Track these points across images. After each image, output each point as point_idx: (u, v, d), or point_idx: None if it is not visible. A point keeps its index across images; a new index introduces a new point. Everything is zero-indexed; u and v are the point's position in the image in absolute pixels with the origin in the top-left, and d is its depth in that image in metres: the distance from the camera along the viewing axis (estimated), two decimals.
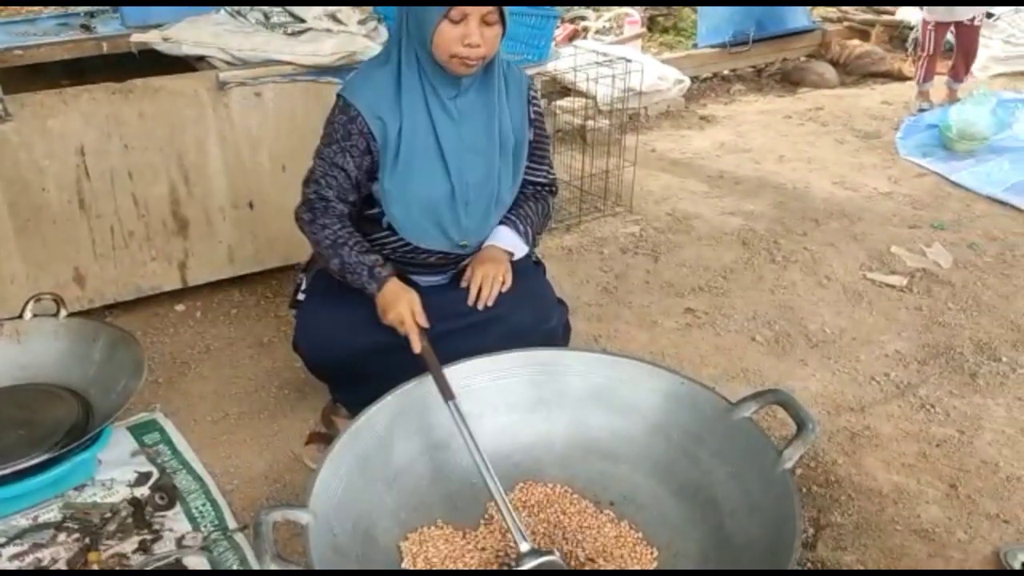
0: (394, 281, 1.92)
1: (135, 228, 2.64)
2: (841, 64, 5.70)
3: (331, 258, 1.93)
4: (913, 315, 2.90)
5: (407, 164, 1.93)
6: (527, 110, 2.05)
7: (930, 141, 4.43)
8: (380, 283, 1.90)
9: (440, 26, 1.79)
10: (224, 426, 2.35)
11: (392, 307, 1.88)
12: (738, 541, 1.62)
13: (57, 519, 1.97)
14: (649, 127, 4.69)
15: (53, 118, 2.42)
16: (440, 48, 1.82)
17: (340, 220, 1.95)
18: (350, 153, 1.92)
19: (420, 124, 1.92)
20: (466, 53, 1.81)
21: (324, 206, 1.94)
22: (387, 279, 1.91)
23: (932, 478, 2.17)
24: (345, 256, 1.91)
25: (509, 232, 2.07)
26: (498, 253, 2.04)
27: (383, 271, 1.91)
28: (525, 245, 2.08)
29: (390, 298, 1.89)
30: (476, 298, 1.97)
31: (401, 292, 1.90)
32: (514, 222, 2.08)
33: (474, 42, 1.79)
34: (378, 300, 1.90)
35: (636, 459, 1.86)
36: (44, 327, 2.23)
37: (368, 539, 1.64)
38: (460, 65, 1.84)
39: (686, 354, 2.68)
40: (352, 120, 1.91)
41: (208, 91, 2.58)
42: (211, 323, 2.81)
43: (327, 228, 1.93)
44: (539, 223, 2.15)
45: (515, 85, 2.02)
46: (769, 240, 3.42)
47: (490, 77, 1.96)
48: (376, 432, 1.74)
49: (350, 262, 1.91)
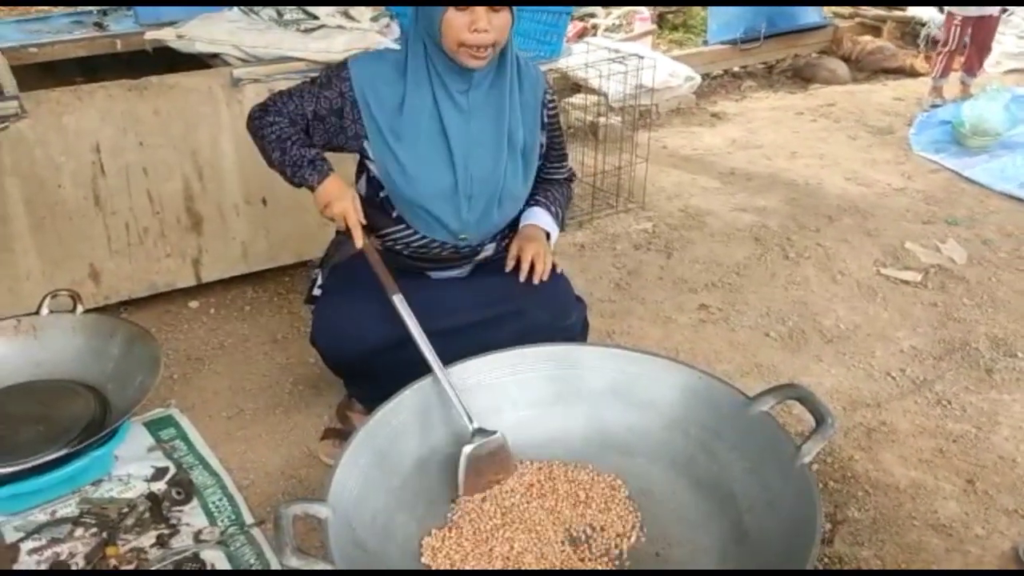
0: (336, 175, 1.93)
1: (150, 225, 2.65)
2: (853, 60, 5.68)
3: (273, 151, 1.93)
4: (928, 311, 2.89)
5: (411, 150, 1.93)
6: (540, 112, 2.05)
7: (943, 137, 4.41)
8: (322, 175, 1.90)
9: (446, 14, 1.80)
10: (239, 422, 2.35)
11: (337, 201, 1.89)
12: (756, 536, 1.62)
13: (75, 514, 1.98)
14: (660, 124, 4.68)
15: (69, 115, 2.43)
16: (448, 37, 1.82)
17: (289, 120, 1.95)
18: (317, 99, 1.95)
19: (424, 112, 1.92)
20: (474, 40, 1.81)
21: (277, 110, 1.96)
22: (328, 172, 1.91)
23: (949, 474, 2.17)
24: (287, 148, 1.91)
25: (543, 213, 2.08)
26: (538, 232, 2.05)
27: (324, 164, 1.92)
28: (557, 227, 2.11)
29: (333, 192, 1.90)
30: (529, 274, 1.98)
31: (344, 187, 1.92)
32: (546, 204, 2.10)
33: (481, 27, 1.79)
34: (319, 192, 1.90)
35: (653, 454, 1.86)
36: (61, 323, 2.23)
37: (386, 533, 1.64)
38: (469, 56, 1.84)
39: (700, 350, 2.68)
40: (340, 79, 1.94)
41: (222, 88, 2.59)
42: (225, 319, 2.82)
43: (275, 124, 1.94)
44: (566, 205, 2.18)
45: (530, 84, 2.02)
46: (782, 236, 3.41)
47: (503, 73, 1.96)
48: (393, 427, 1.75)
49: (292, 154, 1.91)
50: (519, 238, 2.06)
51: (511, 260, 2.03)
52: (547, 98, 2.08)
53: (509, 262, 2.03)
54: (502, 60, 1.94)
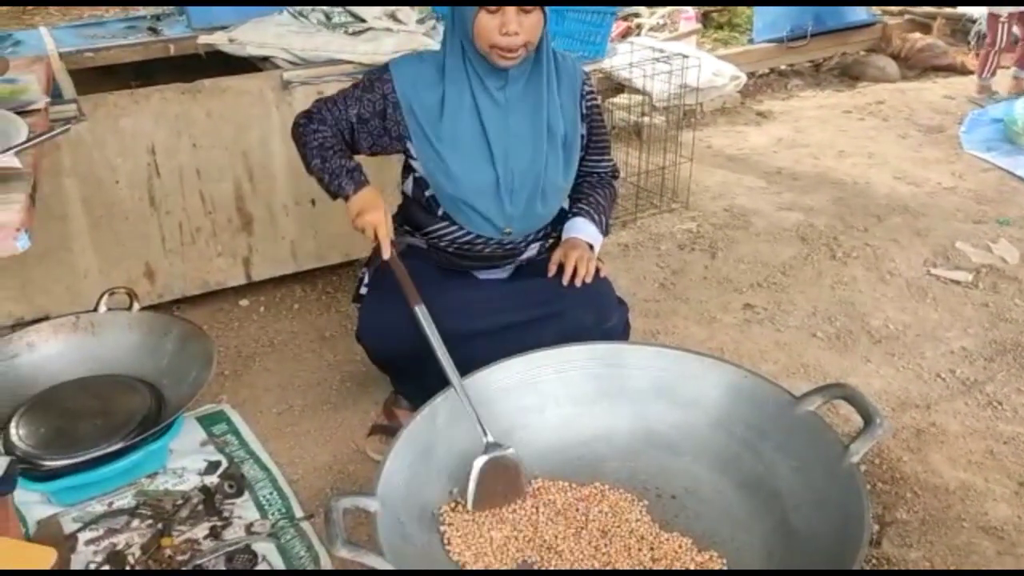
0: (372, 187, 1.96)
1: (202, 224, 2.71)
2: (902, 58, 5.59)
3: (314, 158, 1.97)
4: (979, 311, 2.85)
5: (452, 147, 1.96)
6: (579, 103, 2.07)
7: (994, 135, 4.33)
8: (358, 185, 1.94)
9: (479, 17, 1.83)
10: (288, 418, 2.40)
11: (369, 211, 1.91)
12: (803, 535, 1.61)
13: (131, 505, 2.03)
14: (705, 123, 4.66)
15: (125, 118, 2.49)
16: (480, 39, 1.86)
17: (332, 131, 1.99)
18: (360, 103, 1.99)
19: (464, 109, 1.96)
20: (505, 43, 1.84)
21: (321, 118, 2.00)
22: (365, 183, 1.95)
23: (1000, 476, 2.13)
24: (328, 157, 1.95)
25: (587, 223, 2.10)
26: (581, 243, 2.06)
27: (361, 176, 1.96)
28: (601, 234, 2.12)
29: (368, 202, 1.93)
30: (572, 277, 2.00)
31: (378, 199, 1.95)
32: (589, 213, 2.11)
33: (511, 30, 1.82)
34: (352, 201, 1.94)
35: (698, 452, 1.86)
36: (118, 320, 2.29)
37: (433, 527, 1.67)
38: (500, 57, 1.87)
39: (745, 350, 2.67)
40: (381, 81, 1.98)
41: (273, 91, 2.64)
42: (274, 318, 2.87)
43: (318, 132, 1.98)
44: (610, 209, 2.19)
45: (567, 78, 2.04)
46: (829, 236, 3.38)
47: (539, 68, 1.98)
48: (439, 423, 1.77)
49: (332, 163, 1.95)
50: (562, 246, 2.07)
51: (553, 265, 2.04)
52: (585, 89, 2.10)
53: (552, 267, 2.04)
54: (538, 55, 1.97)
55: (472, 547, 1.68)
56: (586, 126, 2.11)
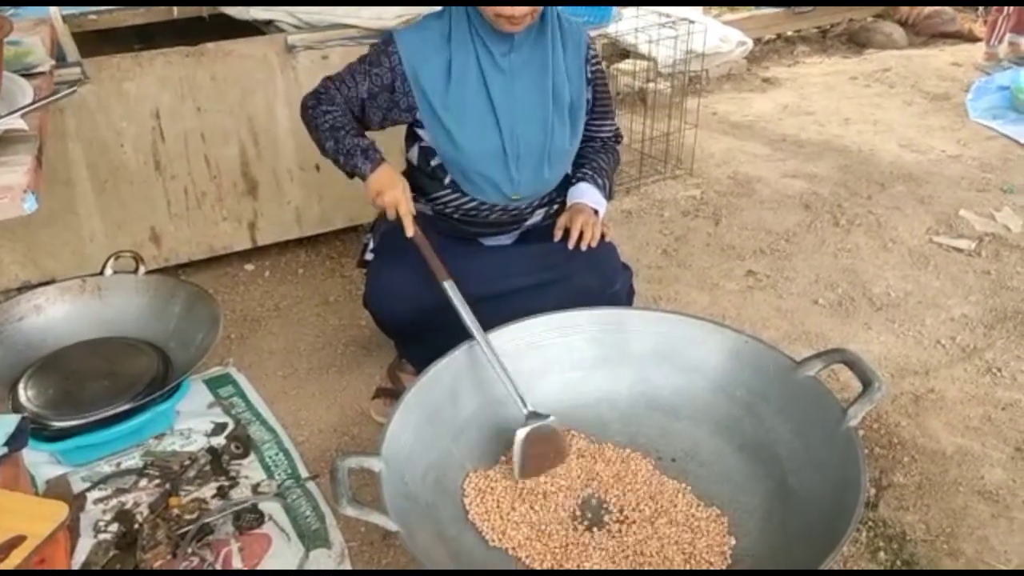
0: (388, 165, 1.96)
1: (207, 189, 2.71)
2: (910, 25, 5.54)
3: (327, 140, 1.97)
4: (981, 279, 2.86)
5: (458, 115, 1.96)
6: (584, 68, 2.07)
7: (1001, 103, 4.31)
8: (374, 164, 1.94)
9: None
10: (294, 381, 2.42)
11: (388, 190, 1.92)
12: (802, 497, 1.64)
13: (139, 466, 2.07)
14: (710, 90, 4.64)
15: (129, 81, 2.49)
16: (486, 7, 1.86)
17: (342, 110, 1.99)
18: (369, 77, 1.97)
19: (470, 76, 1.95)
20: (510, 12, 1.83)
21: (329, 99, 1.99)
22: (381, 161, 1.95)
23: (997, 441, 2.16)
24: (341, 138, 1.95)
25: (591, 188, 2.10)
26: (587, 208, 2.07)
27: (376, 154, 1.95)
28: (605, 199, 2.12)
29: (386, 181, 1.93)
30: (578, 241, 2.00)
31: (396, 177, 1.95)
32: (593, 178, 2.11)
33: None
34: (370, 181, 1.94)
35: (699, 416, 1.88)
36: (125, 283, 2.31)
37: (438, 487, 1.70)
38: (507, 23, 1.87)
39: (747, 316, 2.68)
40: (387, 54, 1.96)
41: (277, 55, 2.63)
42: (279, 282, 2.89)
43: (328, 113, 1.97)
44: (613, 174, 2.19)
45: (572, 42, 2.04)
46: (832, 203, 3.38)
47: (544, 33, 1.98)
48: (444, 386, 1.80)
49: (345, 144, 1.95)
50: (568, 211, 2.08)
51: (559, 230, 2.05)
52: (590, 54, 2.09)
53: (557, 232, 2.05)
54: (543, 21, 1.96)
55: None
56: (591, 90, 2.11)
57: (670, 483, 1.79)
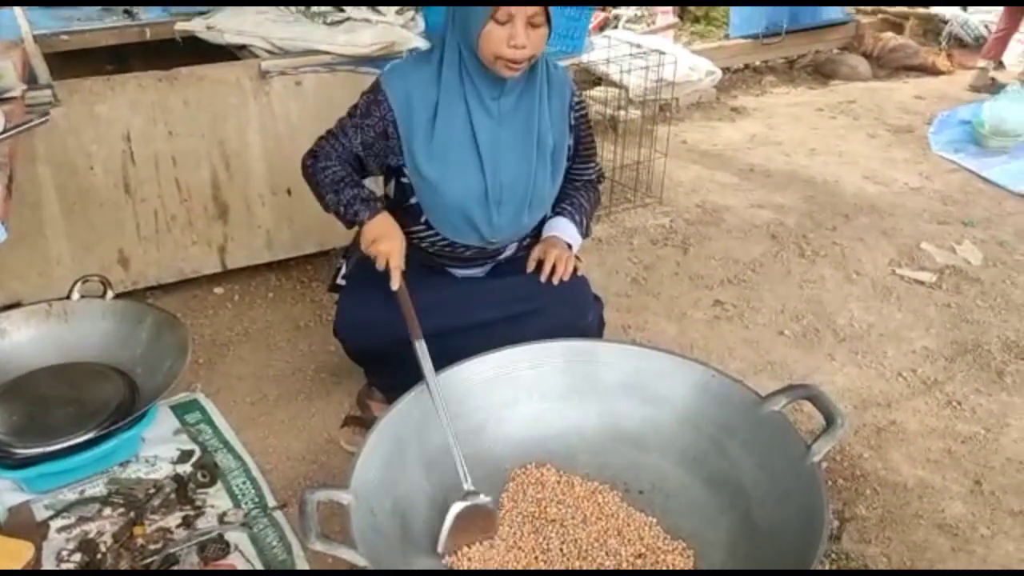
0: (387, 215, 1.97)
1: (177, 212, 2.70)
2: (874, 57, 5.66)
3: (327, 194, 1.99)
4: (942, 312, 2.92)
5: (442, 157, 1.97)
6: (568, 115, 2.08)
7: (962, 137, 4.41)
8: (373, 212, 1.95)
9: (486, 27, 1.82)
10: (262, 407, 2.41)
11: (384, 239, 1.93)
12: (766, 531, 1.66)
13: (103, 494, 2.04)
14: (680, 118, 4.70)
15: (101, 104, 2.48)
16: (485, 50, 1.85)
17: (340, 164, 2.01)
18: (362, 130, 1.99)
19: (457, 120, 1.96)
20: (511, 55, 1.83)
21: (326, 155, 2.01)
22: (380, 210, 1.97)
23: (957, 474, 2.20)
24: (341, 190, 1.97)
25: (567, 223, 2.12)
26: (560, 242, 2.09)
27: (377, 203, 1.97)
28: (581, 236, 2.15)
29: (383, 230, 1.94)
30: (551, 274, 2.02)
31: (393, 228, 1.96)
32: (571, 213, 2.14)
33: (520, 43, 1.82)
34: (368, 227, 1.95)
35: (666, 449, 1.90)
36: (92, 308, 2.29)
37: (406, 520, 1.70)
38: (505, 67, 1.87)
39: (714, 346, 2.72)
40: (377, 104, 1.97)
41: (250, 80, 2.63)
42: (249, 306, 2.88)
43: (328, 169, 2.00)
44: (592, 212, 2.22)
45: (557, 89, 2.05)
46: (798, 234, 3.43)
47: (533, 79, 1.99)
48: (414, 417, 1.80)
49: (345, 195, 1.97)
50: (542, 243, 2.10)
51: (532, 262, 2.06)
52: (574, 100, 2.11)
53: (530, 264, 2.06)
54: (533, 67, 1.97)
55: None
56: (573, 136, 2.12)
57: (637, 515, 1.80)
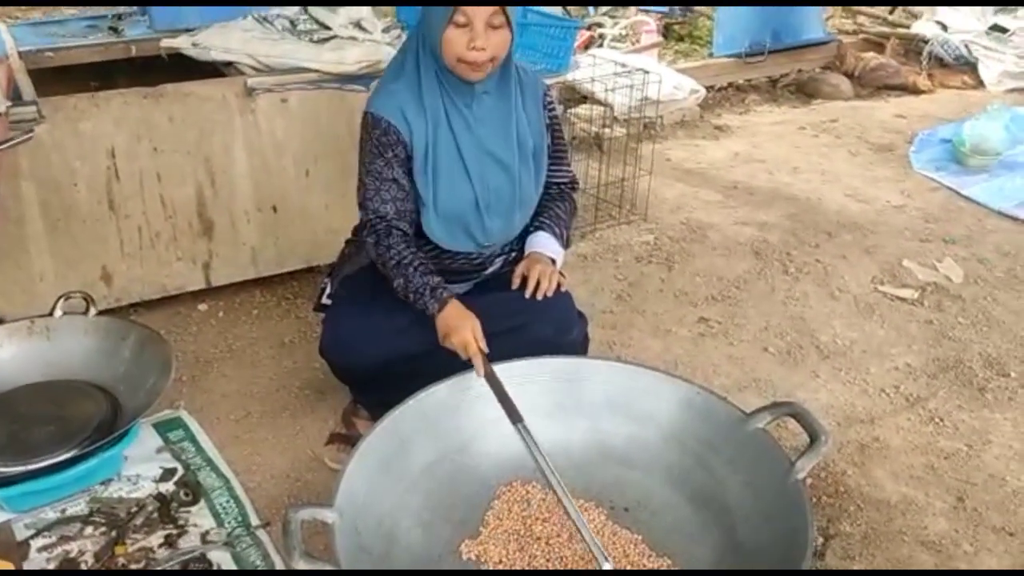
0: (455, 303, 1.93)
1: (162, 229, 2.70)
2: (856, 76, 5.72)
3: (396, 279, 1.95)
4: (924, 329, 2.94)
5: (434, 172, 1.98)
6: (543, 115, 2.11)
7: (943, 155, 4.46)
8: (441, 304, 1.91)
9: (447, 31, 1.85)
10: (246, 425, 2.40)
11: (456, 331, 1.88)
12: (751, 548, 1.67)
13: (84, 513, 2.02)
14: (664, 136, 4.73)
15: (85, 121, 2.48)
16: (448, 53, 1.88)
17: (404, 241, 1.98)
18: (396, 163, 1.96)
19: (443, 132, 1.98)
20: (472, 57, 1.86)
21: (386, 227, 1.97)
22: (448, 300, 1.92)
23: (940, 490, 2.21)
24: (409, 275, 1.93)
25: (549, 238, 2.13)
26: (544, 257, 2.10)
27: (444, 292, 1.93)
28: (562, 248, 2.16)
29: (454, 322, 1.89)
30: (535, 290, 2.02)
31: (465, 316, 1.91)
32: (550, 226, 2.15)
33: (479, 45, 1.84)
34: (439, 321, 1.91)
35: (651, 466, 1.91)
36: (74, 325, 2.28)
37: (391, 538, 1.69)
38: (467, 70, 1.89)
39: (699, 363, 2.73)
40: (386, 132, 1.95)
41: (236, 97, 2.64)
42: (233, 323, 2.87)
43: (392, 249, 1.96)
44: (570, 222, 2.23)
45: (531, 91, 2.08)
46: (782, 251, 3.46)
47: (506, 83, 2.01)
48: (400, 435, 1.80)
49: (414, 282, 1.93)
50: (526, 260, 2.11)
51: (516, 279, 2.07)
52: (547, 100, 2.13)
53: (515, 280, 2.07)
54: (505, 70, 1.99)
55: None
56: (550, 135, 2.15)
57: (623, 533, 1.80)
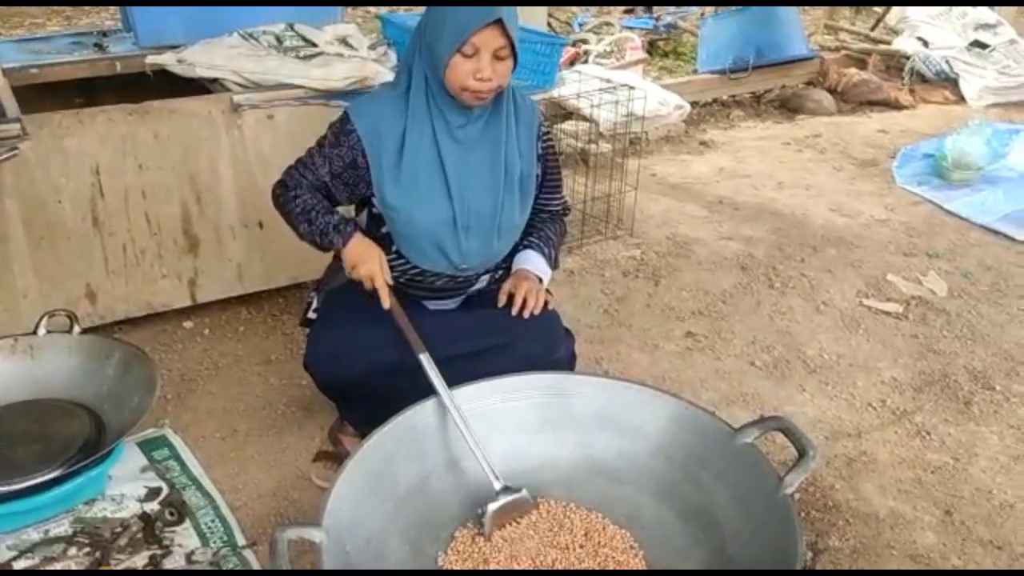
0: (360, 236, 1.99)
1: (147, 246, 2.68)
2: (839, 92, 5.77)
3: (300, 224, 2.00)
4: (909, 342, 2.95)
5: (411, 184, 1.98)
6: (536, 144, 2.11)
7: (926, 170, 4.50)
8: (346, 238, 1.97)
9: (452, 60, 1.85)
10: (232, 443, 2.38)
11: (364, 262, 1.94)
12: (740, 562, 1.66)
13: (68, 533, 2.00)
14: (650, 151, 4.75)
15: (70, 138, 2.46)
16: (452, 81, 1.88)
17: (309, 192, 2.02)
18: (330, 160, 2.00)
19: (424, 147, 1.98)
20: (477, 87, 1.87)
21: (295, 184, 2.03)
22: (352, 233, 1.97)
23: (927, 504, 2.22)
24: (313, 219, 1.98)
25: (537, 256, 2.14)
26: (531, 275, 2.10)
27: (347, 227, 1.98)
28: (550, 268, 2.17)
29: (361, 253, 1.96)
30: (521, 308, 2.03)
31: (371, 248, 1.98)
32: (539, 246, 2.16)
33: (485, 76, 1.85)
34: (346, 254, 1.97)
35: (640, 481, 1.90)
36: (58, 343, 2.26)
37: (379, 557, 1.68)
38: (472, 98, 1.90)
39: (686, 378, 2.73)
40: (346, 133, 1.99)
41: (222, 113, 2.63)
42: (219, 340, 2.85)
43: (298, 198, 2.01)
44: (559, 243, 2.24)
45: (525, 118, 2.08)
46: (767, 266, 3.47)
47: (499, 107, 2.01)
48: (387, 452, 1.78)
49: (318, 224, 1.98)
50: (513, 277, 2.11)
51: (503, 296, 2.07)
52: (542, 130, 2.13)
53: (502, 297, 2.07)
54: (499, 96, 1.99)
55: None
56: (541, 166, 2.14)
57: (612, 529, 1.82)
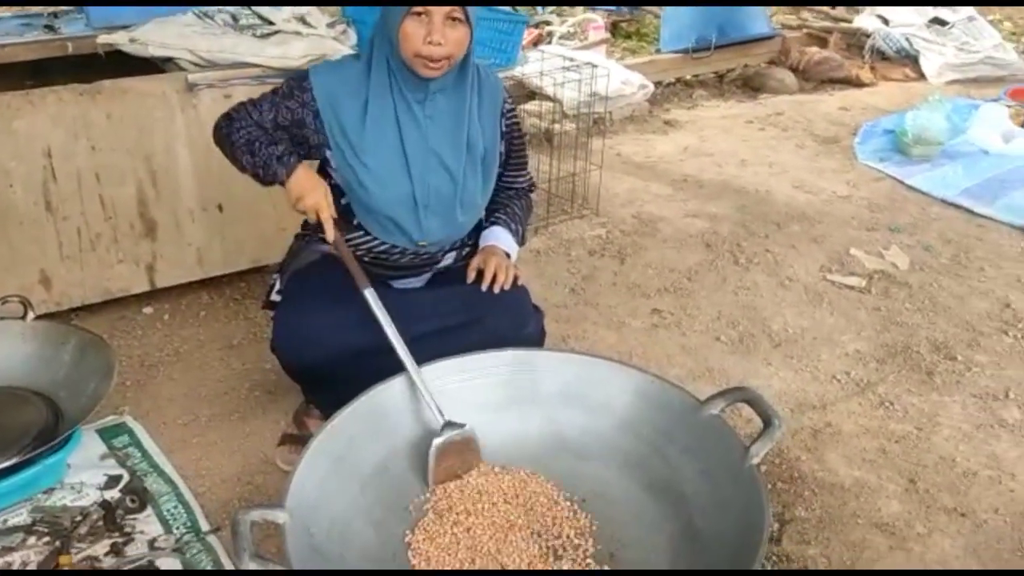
0: (304, 167, 1.94)
1: (102, 230, 2.62)
2: (800, 70, 5.80)
3: (243, 156, 1.95)
4: (872, 315, 2.98)
5: (371, 159, 1.96)
6: (499, 122, 2.08)
7: (887, 146, 4.54)
8: (290, 170, 1.91)
9: (404, 22, 1.83)
10: (194, 428, 2.34)
11: (308, 194, 1.90)
12: (708, 535, 1.66)
13: (27, 522, 1.96)
14: (614, 131, 4.74)
15: (19, 119, 2.40)
16: (405, 47, 1.86)
17: (256, 125, 1.97)
18: (278, 108, 1.98)
19: (385, 122, 1.95)
20: (428, 52, 1.84)
21: (241, 118, 1.98)
22: (296, 165, 1.93)
23: (892, 473, 2.24)
24: (256, 150, 1.93)
25: (504, 232, 2.13)
26: (499, 251, 2.09)
27: (291, 158, 1.93)
28: (517, 244, 2.16)
29: (304, 185, 1.91)
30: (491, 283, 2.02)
31: (315, 180, 1.94)
32: (506, 222, 2.14)
33: (436, 40, 1.82)
34: (289, 187, 1.92)
35: (607, 456, 1.89)
36: (11, 330, 2.21)
37: (344, 538, 1.65)
38: (423, 66, 1.87)
39: (653, 354, 2.73)
40: (301, 89, 1.96)
41: (177, 93, 2.57)
42: (180, 325, 2.80)
43: (242, 129, 1.96)
44: (526, 219, 2.23)
45: (489, 95, 2.05)
46: (732, 242, 3.48)
47: (462, 83, 1.99)
48: (350, 433, 1.76)
49: (261, 155, 1.93)
50: (481, 253, 2.09)
51: (472, 271, 2.05)
52: (506, 107, 2.11)
53: (470, 274, 2.05)
54: (463, 70, 1.97)
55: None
56: (505, 144, 2.12)
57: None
